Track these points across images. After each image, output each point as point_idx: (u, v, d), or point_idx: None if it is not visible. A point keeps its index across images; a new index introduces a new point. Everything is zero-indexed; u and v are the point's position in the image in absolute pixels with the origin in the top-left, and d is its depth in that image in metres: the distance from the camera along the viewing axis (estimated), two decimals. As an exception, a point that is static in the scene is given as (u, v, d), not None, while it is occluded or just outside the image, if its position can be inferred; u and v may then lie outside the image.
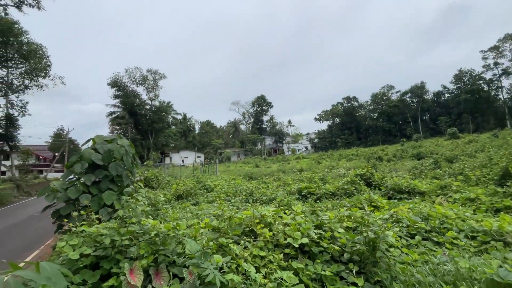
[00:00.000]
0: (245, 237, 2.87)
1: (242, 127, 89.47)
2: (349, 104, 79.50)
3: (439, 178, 10.63)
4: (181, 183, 9.93)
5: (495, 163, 10.06)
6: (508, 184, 6.95)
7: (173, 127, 67.36)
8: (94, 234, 2.96)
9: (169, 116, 60.50)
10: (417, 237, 4.19)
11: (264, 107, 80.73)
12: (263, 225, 3.09)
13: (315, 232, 3.41)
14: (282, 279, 2.32)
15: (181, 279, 2.59)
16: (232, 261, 2.45)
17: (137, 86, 54.31)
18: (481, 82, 56.92)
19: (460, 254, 3.38)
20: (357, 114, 78.12)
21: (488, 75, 56.66)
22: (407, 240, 4.20)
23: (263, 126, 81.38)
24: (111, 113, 54.54)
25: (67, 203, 4.52)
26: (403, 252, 3.70)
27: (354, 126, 75.98)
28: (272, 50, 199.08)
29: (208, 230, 3.31)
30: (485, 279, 2.63)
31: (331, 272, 2.78)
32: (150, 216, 4.45)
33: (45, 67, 26.83)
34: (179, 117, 72.99)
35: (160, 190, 9.15)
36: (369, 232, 2.89)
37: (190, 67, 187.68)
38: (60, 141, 45.90)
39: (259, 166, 35.89)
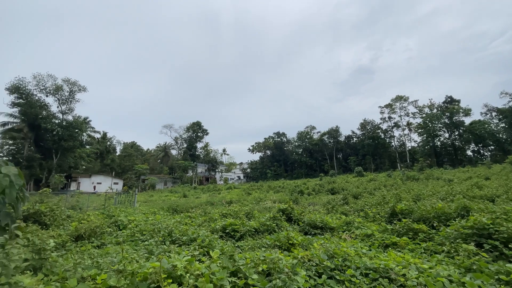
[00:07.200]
0: (147, 298, 2.54)
1: (173, 152, 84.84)
2: (279, 139, 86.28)
3: (346, 214, 12.19)
4: (85, 219, 8.34)
5: (386, 202, 12.25)
6: (394, 222, 8.45)
7: (87, 146, 58.30)
8: None
9: (84, 134, 52.39)
10: (323, 276, 4.55)
11: (199, 134, 79.29)
12: (171, 280, 2.81)
13: (229, 281, 3.31)
14: None
15: None
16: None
17: (47, 96, 45.90)
18: (379, 131, 71.14)
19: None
20: (286, 148, 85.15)
21: (384, 126, 71.69)
22: (315, 280, 4.51)
23: (197, 153, 79.13)
24: (3, 124, 43.70)
25: None
26: (311, 294, 3.93)
27: (282, 159, 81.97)
28: (211, 79, 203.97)
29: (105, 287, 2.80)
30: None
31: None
32: (29, 270, 3.53)
33: None
34: (97, 136, 64.18)
35: (54, 229, 7.42)
36: (277, 280, 2.98)
37: (119, 85, 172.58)
38: None
39: (187, 196, 33.90)
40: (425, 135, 60.81)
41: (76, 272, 3.80)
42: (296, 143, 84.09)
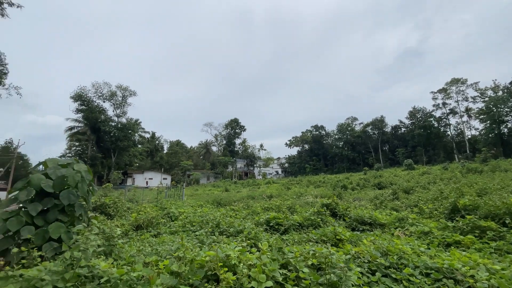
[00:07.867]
0: (206, 284, 2.70)
1: (214, 148, 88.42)
2: (317, 132, 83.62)
3: (397, 210, 11.33)
4: (142, 210, 9.24)
5: (445, 197, 11.04)
6: (456, 218, 7.59)
7: (139, 146, 64.11)
8: (33, 279, 2.56)
9: (136, 134, 57.76)
10: (377, 274, 4.29)
11: (237, 130, 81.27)
12: (226, 269, 2.95)
13: (280, 273, 3.34)
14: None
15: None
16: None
17: (104, 102, 51.73)
18: (431, 119, 64.12)
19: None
20: (325, 142, 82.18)
21: (437, 114, 64.35)
22: (368, 277, 4.29)
23: (235, 149, 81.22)
24: (70, 128, 50.59)
25: (5, 236, 3.93)
26: (364, 291, 3.75)
27: (321, 153, 79.42)
28: (247, 75, 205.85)
29: (167, 272, 3.06)
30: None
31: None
32: (102, 255, 4.03)
33: (0, 74, 24.44)
34: (147, 135, 70.16)
35: (117, 219, 8.39)
36: (331, 275, 2.91)
37: (163, 86, 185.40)
38: (7, 155, 40.88)
39: (229, 191, 35.16)
40: (488, 122, 52.85)
41: (139, 258, 4.24)
42: (336, 136, 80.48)
